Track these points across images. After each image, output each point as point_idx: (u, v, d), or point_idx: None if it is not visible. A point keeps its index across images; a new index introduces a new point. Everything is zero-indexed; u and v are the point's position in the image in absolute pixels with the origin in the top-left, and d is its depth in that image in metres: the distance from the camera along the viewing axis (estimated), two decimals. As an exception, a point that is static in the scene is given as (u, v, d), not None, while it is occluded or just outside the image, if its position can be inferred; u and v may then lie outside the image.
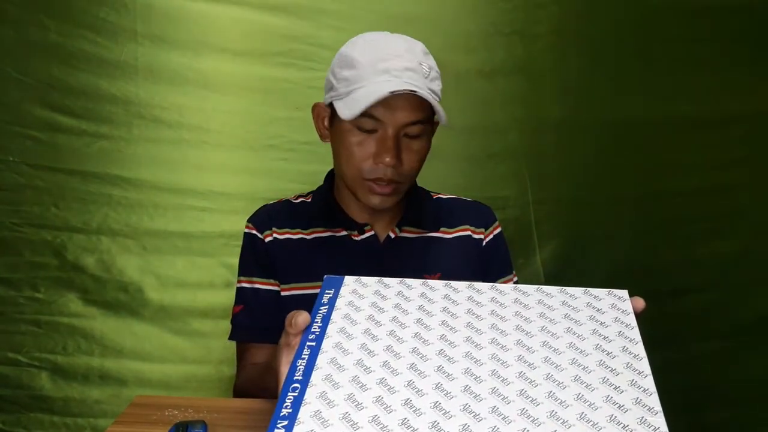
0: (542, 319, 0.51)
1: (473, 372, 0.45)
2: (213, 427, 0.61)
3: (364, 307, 0.53)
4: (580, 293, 0.55)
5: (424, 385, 0.44)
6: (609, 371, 0.45)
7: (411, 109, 0.72)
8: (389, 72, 0.71)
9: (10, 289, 1.27)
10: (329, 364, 0.47)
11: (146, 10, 1.22)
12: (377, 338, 0.49)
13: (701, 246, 1.38)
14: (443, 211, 0.87)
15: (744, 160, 1.37)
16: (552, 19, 1.29)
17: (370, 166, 0.74)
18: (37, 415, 1.29)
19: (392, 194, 0.76)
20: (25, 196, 1.25)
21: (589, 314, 0.52)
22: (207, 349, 1.29)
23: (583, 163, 1.34)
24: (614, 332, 0.49)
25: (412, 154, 0.75)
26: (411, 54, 0.73)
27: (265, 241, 0.83)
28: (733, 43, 1.33)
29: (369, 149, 0.73)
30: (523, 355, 0.46)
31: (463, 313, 0.52)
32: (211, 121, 1.26)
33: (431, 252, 0.83)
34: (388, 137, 0.73)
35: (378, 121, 0.72)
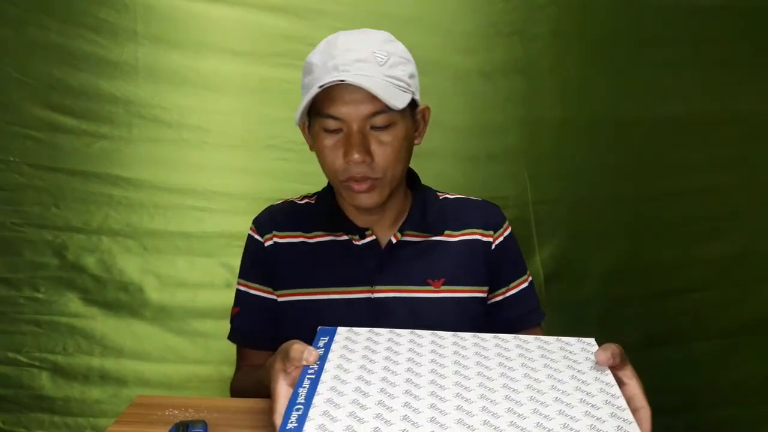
0: (524, 368, 0.55)
1: (465, 422, 0.47)
2: (213, 426, 0.61)
3: (355, 358, 0.57)
4: (553, 341, 0.61)
5: (420, 419, 0.47)
6: (590, 407, 0.49)
7: (367, 100, 0.70)
8: (337, 68, 0.70)
9: (11, 288, 1.27)
10: (328, 398, 0.50)
11: (146, 10, 1.22)
12: (370, 383, 0.52)
13: (701, 246, 1.38)
14: (449, 213, 0.85)
15: (744, 160, 1.37)
16: (551, 19, 1.29)
17: (342, 166, 0.73)
18: (38, 415, 1.29)
19: (372, 190, 0.74)
20: (26, 196, 1.25)
21: (565, 363, 0.57)
22: (207, 349, 1.29)
23: (583, 163, 1.34)
24: (591, 377, 0.54)
25: (383, 146, 0.72)
26: (364, 44, 0.72)
27: (265, 245, 0.83)
28: (733, 43, 1.33)
29: (338, 149, 0.73)
30: (511, 407, 0.49)
31: (450, 363, 0.56)
32: (211, 121, 1.26)
33: (434, 257, 0.81)
34: (352, 133, 0.71)
35: (338, 119, 0.71)
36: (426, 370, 0.54)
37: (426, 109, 0.80)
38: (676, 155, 1.36)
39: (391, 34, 0.77)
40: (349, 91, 0.69)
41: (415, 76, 0.77)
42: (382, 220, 0.82)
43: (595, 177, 1.35)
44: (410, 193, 0.86)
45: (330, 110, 0.71)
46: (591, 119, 1.33)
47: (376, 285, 0.79)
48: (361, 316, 0.77)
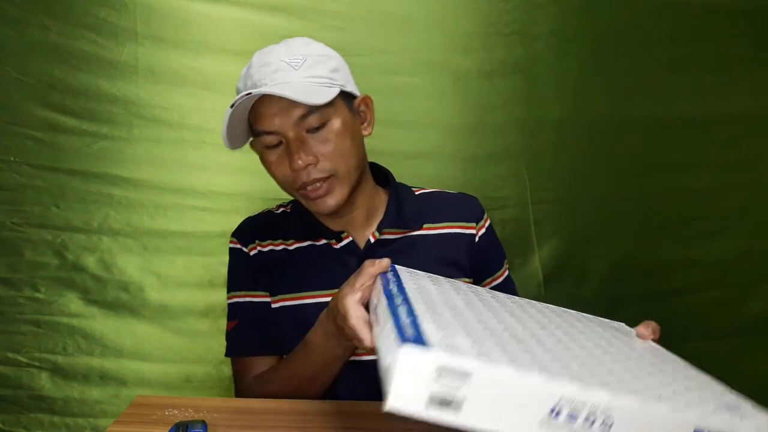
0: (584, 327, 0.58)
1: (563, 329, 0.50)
2: (213, 426, 0.61)
3: (424, 284, 0.58)
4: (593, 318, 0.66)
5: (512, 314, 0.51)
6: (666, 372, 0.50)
7: (291, 106, 0.70)
8: (255, 85, 0.72)
9: (11, 288, 1.27)
10: (421, 299, 0.49)
11: (146, 10, 1.22)
12: (454, 299, 0.53)
13: (701, 246, 1.38)
14: (426, 207, 0.85)
15: (744, 160, 1.37)
16: (551, 19, 1.29)
17: (291, 176, 0.73)
18: (37, 415, 1.29)
19: (331, 192, 0.74)
20: (26, 196, 1.25)
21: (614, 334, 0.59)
22: (207, 349, 1.29)
23: (583, 163, 1.34)
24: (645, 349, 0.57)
25: (324, 144, 0.72)
26: (276, 55, 0.73)
27: (250, 255, 0.83)
28: (733, 43, 1.33)
29: (283, 161, 0.73)
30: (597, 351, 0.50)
31: (516, 307, 0.58)
32: (212, 121, 1.26)
33: (415, 252, 0.81)
34: (290, 142, 0.71)
35: (271, 134, 0.72)
36: (495, 302, 0.57)
37: (366, 98, 0.80)
38: (676, 155, 1.36)
39: (308, 38, 0.77)
40: (273, 103, 0.70)
41: (340, 69, 0.76)
42: (355, 220, 0.82)
43: (595, 177, 1.35)
44: (383, 191, 0.85)
45: (262, 127, 0.72)
46: (591, 119, 1.33)
47: None
48: None
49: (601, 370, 0.41)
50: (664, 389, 0.41)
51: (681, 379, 0.46)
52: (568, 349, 0.44)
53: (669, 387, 0.42)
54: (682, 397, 0.40)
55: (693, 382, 0.46)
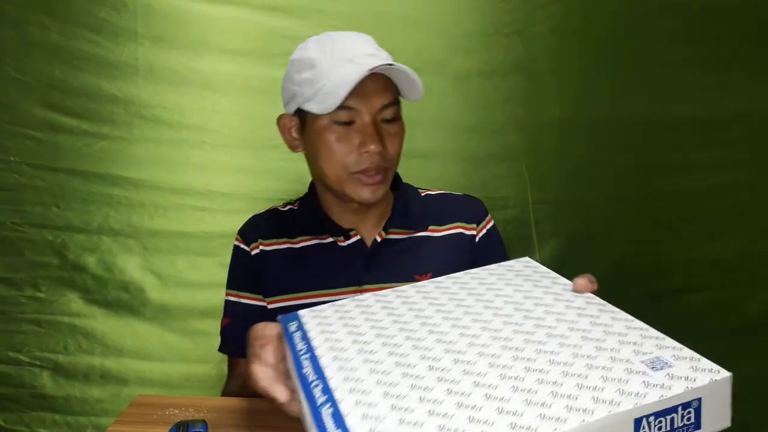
0: (505, 299, 0.53)
1: (496, 363, 0.43)
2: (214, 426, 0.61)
3: (337, 329, 0.51)
4: (496, 267, 0.61)
5: (448, 369, 0.43)
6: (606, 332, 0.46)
7: (383, 91, 0.71)
8: (353, 61, 0.70)
9: (12, 288, 1.28)
10: (336, 364, 0.45)
11: (146, 10, 1.22)
12: (374, 351, 0.47)
13: (701, 246, 1.38)
14: (432, 209, 0.85)
15: (744, 160, 1.37)
16: (552, 19, 1.29)
17: (356, 158, 0.73)
18: (39, 414, 1.29)
19: (382, 183, 0.75)
20: (26, 196, 1.25)
21: (542, 290, 0.55)
22: (208, 348, 1.29)
23: (583, 163, 1.34)
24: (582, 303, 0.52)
25: (392, 138, 0.74)
26: (367, 43, 0.74)
27: (251, 254, 0.83)
28: (733, 43, 1.33)
29: (351, 142, 0.72)
30: (527, 338, 0.46)
31: (433, 312, 0.52)
32: (212, 121, 1.27)
33: (420, 252, 0.81)
34: (368, 124, 0.72)
35: (353, 110, 0.71)
36: (417, 323, 0.50)
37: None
38: (677, 155, 1.36)
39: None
40: (366, 81, 0.70)
41: None
42: (367, 219, 0.82)
43: (595, 177, 1.35)
44: (391, 192, 0.86)
45: (347, 101, 0.70)
46: (591, 119, 1.33)
47: (364, 284, 0.79)
48: None
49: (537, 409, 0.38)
50: (593, 385, 0.39)
51: (605, 356, 0.43)
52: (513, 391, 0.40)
53: (594, 377, 0.40)
54: (611, 387, 0.39)
55: (617, 351, 0.43)
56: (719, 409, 0.40)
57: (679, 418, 0.38)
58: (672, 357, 0.43)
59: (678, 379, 0.39)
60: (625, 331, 0.46)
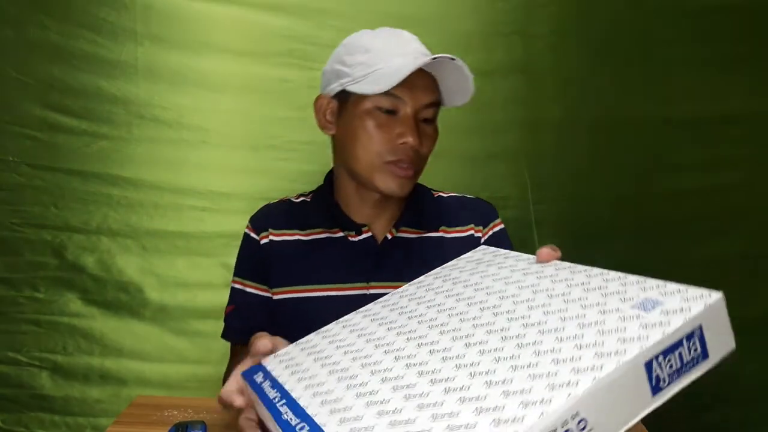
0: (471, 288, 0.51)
1: (473, 347, 0.42)
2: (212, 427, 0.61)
3: (309, 365, 0.47)
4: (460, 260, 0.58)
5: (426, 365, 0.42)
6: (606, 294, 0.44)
7: (429, 89, 0.73)
8: (408, 54, 0.73)
9: (11, 288, 1.27)
10: (317, 400, 0.42)
11: (146, 10, 1.22)
12: (347, 368, 0.44)
13: (701, 246, 1.38)
14: (444, 210, 0.85)
15: (744, 160, 1.37)
16: (552, 18, 1.29)
17: (392, 147, 0.73)
18: (38, 414, 1.29)
19: (413, 178, 0.76)
20: (25, 196, 1.25)
21: (509, 269, 0.54)
22: (207, 349, 1.29)
23: (583, 163, 1.34)
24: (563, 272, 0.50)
25: (428, 138, 0.75)
26: (417, 43, 0.77)
27: (260, 243, 0.82)
28: (733, 43, 1.33)
29: (390, 131, 0.73)
30: (506, 326, 0.43)
31: (396, 315, 0.50)
32: (211, 121, 1.26)
33: (430, 253, 0.81)
34: (410, 117, 0.73)
35: (399, 99, 0.72)
36: (392, 335, 0.47)
37: None
38: (677, 155, 1.36)
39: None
40: (417, 76, 0.71)
41: None
42: (381, 216, 0.82)
43: (595, 177, 1.35)
44: None
45: (396, 89, 0.71)
46: (591, 119, 1.33)
47: (371, 281, 0.79)
48: None
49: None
50: (590, 341, 0.37)
51: (594, 309, 0.41)
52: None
53: (592, 333, 0.38)
54: (610, 339, 0.37)
55: (605, 304, 0.42)
56: (721, 332, 0.39)
57: (686, 351, 0.37)
58: (660, 294, 0.42)
59: (673, 313, 0.38)
60: (604, 284, 0.46)
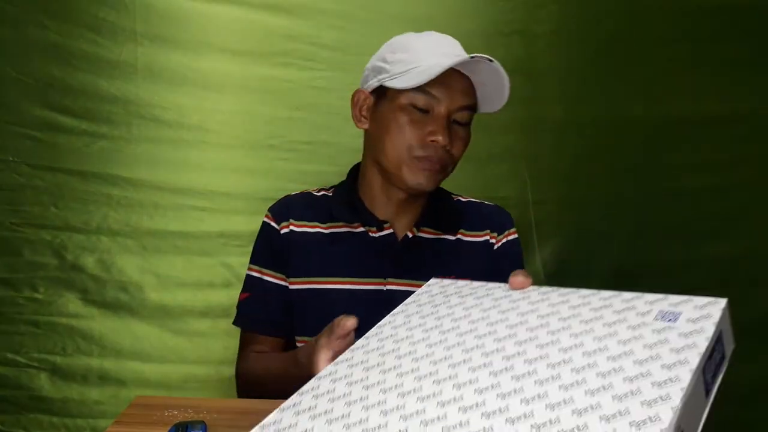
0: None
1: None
2: (213, 427, 0.61)
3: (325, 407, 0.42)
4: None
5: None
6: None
7: (465, 92, 0.75)
8: (447, 55, 0.74)
9: (10, 289, 1.27)
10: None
11: (146, 10, 1.22)
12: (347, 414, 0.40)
13: (701, 246, 1.38)
14: (464, 214, 0.86)
15: (744, 160, 1.37)
16: (552, 18, 1.29)
17: (422, 143, 0.75)
18: (37, 416, 1.28)
19: (439, 172, 0.77)
20: (25, 196, 1.25)
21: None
22: (207, 349, 1.29)
23: (583, 163, 1.34)
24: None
25: (459, 140, 0.77)
26: (460, 48, 0.78)
27: (280, 233, 0.83)
28: (733, 43, 1.33)
29: (421, 127, 0.75)
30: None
31: (380, 374, 0.44)
32: (211, 121, 1.26)
33: (448, 255, 0.82)
34: (443, 116, 0.74)
35: (434, 98, 0.74)
36: (394, 395, 0.40)
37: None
38: (676, 155, 1.36)
39: None
40: (454, 78, 0.74)
41: None
42: (404, 214, 0.82)
43: (595, 177, 1.35)
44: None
45: (432, 88, 0.73)
46: (591, 119, 1.33)
47: (389, 278, 0.79)
48: (371, 308, 0.76)
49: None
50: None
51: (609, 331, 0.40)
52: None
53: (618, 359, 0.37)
54: (664, 351, 0.36)
55: (621, 321, 0.40)
56: (728, 333, 0.40)
57: (717, 354, 0.38)
58: (670, 306, 0.42)
59: (699, 320, 0.38)
60: (606, 303, 0.44)
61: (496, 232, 0.86)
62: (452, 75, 0.73)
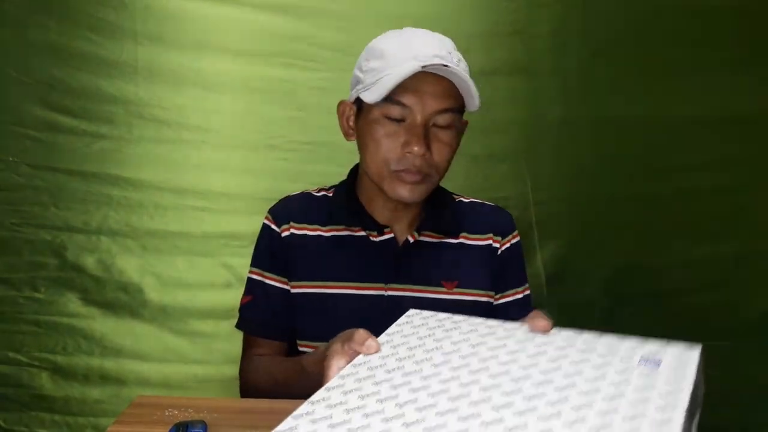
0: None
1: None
2: (213, 427, 0.61)
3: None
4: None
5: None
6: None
7: (440, 95, 0.71)
8: (417, 58, 0.70)
9: (10, 288, 1.27)
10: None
11: (146, 10, 1.22)
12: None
13: (701, 246, 1.38)
14: (465, 216, 0.85)
15: (744, 160, 1.37)
16: (553, 18, 1.29)
17: (399, 156, 0.72)
18: (38, 414, 1.29)
19: (421, 183, 0.74)
20: (25, 196, 1.25)
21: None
22: (207, 349, 1.29)
23: (583, 163, 1.34)
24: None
25: (441, 145, 0.73)
26: (440, 43, 0.73)
27: (281, 236, 0.81)
28: (733, 44, 1.33)
29: (397, 139, 0.72)
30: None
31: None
32: (211, 121, 1.26)
33: (450, 259, 0.81)
34: (417, 125, 0.71)
35: (406, 107, 0.71)
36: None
37: (467, 122, 0.80)
38: (677, 155, 1.36)
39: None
40: (426, 83, 0.69)
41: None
42: (403, 218, 0.81)
43: (595, 177, 1.35)
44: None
45: (402, 98, 0.70)
46: (591, 119, 1.33)
47: (390, 283, 0.78)
48: (372, 313, 0.77)
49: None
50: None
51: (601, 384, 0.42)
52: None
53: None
54: (654, 395, 0.40)
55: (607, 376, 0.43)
56: (702, 378, 0.45)
57: (698, 398, 0.43)
58: (649, 352, 0.46)
59: (678, 367, 0.43)
60: (591, 347, 0.48)
61: (499, 236, 0.84)
62: (425, 78, 0.69)
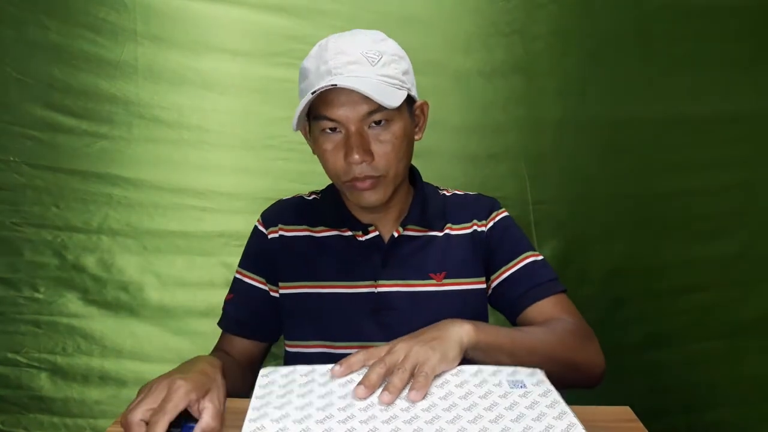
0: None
1: None
2: (213, 426, 0.61)
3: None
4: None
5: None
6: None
7: (358, 102, 0.70)
8: (330, 72, 0.71)
9: (10, 289, 1.27)
10: None
11: (146, 10, 1.22)
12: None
13: (701, 246, 1.38)
14: (450, 208, 0.86)
15: (744, 160, 1.37)
16: (552, 19, 1.29)
17: (344, 167, 0.73)
18: (37, 416, 1.29)
19: (375, 188, 0.74)
20: (26, 196, 1.25)
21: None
22: (207, 349, 1.27)
23: (582, 163, 1.34)
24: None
25: (382, 144, 0.73)
26: (354, 46, 0.72)
27: (268, 238, 0.84)
28: (733, 43, 1.33)
29: (339, 151, 0.73)
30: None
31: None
32: (211, 121, 1.26)
33: (436, 251, 0.82)
34: (351, 134, 0.72)
35: (332, 120, 0.72)
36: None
37: (424, 104, 0.81)
38: (676, 155, 1.36)
39: (382, 33, 0.77)
40: (344, 93, 0.70)
41: (409, 72, 0.77)
42: (386, 216, 0.83)
43: (595, 177, 1.35)
44: (411, 189, 0.87)
45: (327, 113, 0.72)
46: (591, 119, 1.33)
47: (379, 279, 0.80)
48: (363, 310, 0.79)
49: None
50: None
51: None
52: None
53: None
54: (540, 408, 0.50)
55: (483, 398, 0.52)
56: None
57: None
58: (508, 375, 0.57)
59: (541, 384, 0.56)
60: (466, 380, 0.57)
61: (482, 219, 0.85)
62: (341, 91, 0.69)
